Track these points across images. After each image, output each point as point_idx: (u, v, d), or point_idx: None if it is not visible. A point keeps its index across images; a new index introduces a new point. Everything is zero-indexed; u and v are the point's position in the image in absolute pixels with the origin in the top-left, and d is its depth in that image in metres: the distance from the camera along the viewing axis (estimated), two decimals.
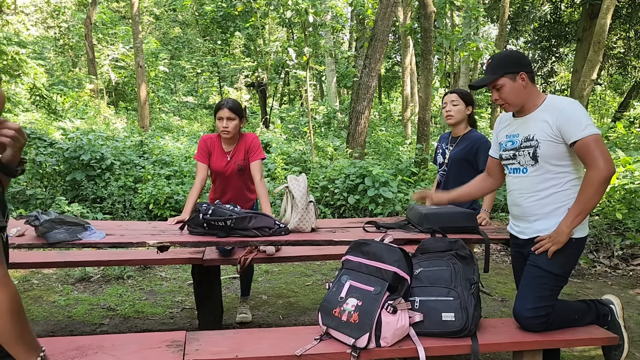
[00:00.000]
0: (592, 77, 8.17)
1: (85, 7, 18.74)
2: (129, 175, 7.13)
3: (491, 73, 2.33)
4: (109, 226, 2.92)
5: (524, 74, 2.29)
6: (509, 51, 2.49)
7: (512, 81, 2.29)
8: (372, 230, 2.89)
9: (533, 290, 2.26)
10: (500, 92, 2.33)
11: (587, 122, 2.18)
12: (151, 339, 2.14)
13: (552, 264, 2.25)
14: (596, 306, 2.41)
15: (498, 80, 2.31)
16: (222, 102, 3.31)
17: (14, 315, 1.31)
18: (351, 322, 2.08)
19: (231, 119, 3.24)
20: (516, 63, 2.31)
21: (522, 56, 2.38)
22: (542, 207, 2.30)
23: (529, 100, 2.33)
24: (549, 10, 16.75)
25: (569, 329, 2.31)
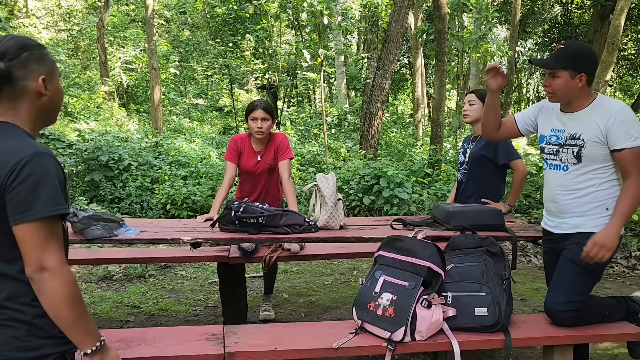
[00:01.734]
0: (605, 78, 8.16)
1: (96, 11, 18.91)
2: (146, 176, 7.21)
3: (557, 60, 2.28)
4: (141, 223, 2.97)
5: (584, 76, 2.26)
6: (584, 47, 2.41)
7: (571, 78, 2.26)
8: (399, 228, 2.93)
9: (566, 285, 2.29)
10: (554, 82, 2.30)
11: (637, 131, 2.18)
12: (191, 332, 2.20)
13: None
14: (627, 303, 2.43)
15: (559, 71, 2.27)
16: (255, 102, 3.35)
17: (70, 302, 1.33)
18: (386, 316, 2.12)
19: (265, 120, 3.29)
20: (584, 63, 2.27)
21: (592, 57, 2.32)
22: (580, 205, 2.32)
23: (577, 99, 2.32)
24: (559, 12, 16.74)
25: (600, 324, 2.34)
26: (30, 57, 1.39)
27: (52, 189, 1.32)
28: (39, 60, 1.41)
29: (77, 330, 1.38)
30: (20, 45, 1.38)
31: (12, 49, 1.36)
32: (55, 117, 1.55)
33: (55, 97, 1.46)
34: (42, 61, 1.42)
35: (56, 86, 1.47)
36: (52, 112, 1.50)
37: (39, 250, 1.30)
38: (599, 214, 2.29)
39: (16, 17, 17.24)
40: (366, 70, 13.20)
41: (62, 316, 1.34)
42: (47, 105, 1.45)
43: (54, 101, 1.47)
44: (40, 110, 1.44)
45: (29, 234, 1.30)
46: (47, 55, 1.45)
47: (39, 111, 1.44)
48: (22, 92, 1.39)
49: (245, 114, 3.39)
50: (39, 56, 1.41)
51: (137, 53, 16.52)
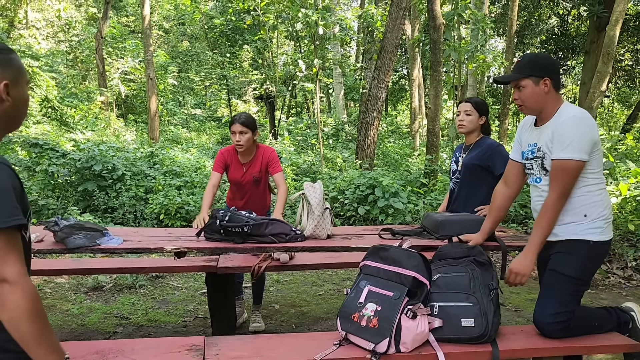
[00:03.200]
0: (601, 89, 8.16)
1: (95, 22, 19.02)
2: (140, 186, 7.17)
3: (517, 72, 2.32)
4: (125, 232, 2.94)
5: (548, 80, 2.28)
6: (540, 54, 2.50)
7: (535, 84, 2.28)
8: (387, 237, 2.89)
9: (553, 295, 2.25)
10: (520, 93, 2.33)
11: (570, 143, 2.17)
12: (170, 343, 2.15)
13: (569, 267, 2.26)
14: (617, 313, 2.39)
15: (521, 81, 2.30)
16: (235, 117, 3.43)
17: (32, 316, 1.26)
18: (370, 327, 2.08)
19: (243, 133, 3.35)
20: (543, 67, 2.30)
21: (551, 62, 2.36)
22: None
23: (547, 107, 2.32)
24: (556, 23, 16.81)
25: (590, 335, 2.29)
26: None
27: (7, 199, 1.27)
28: (2, 65, 1.36)
29: (40, 347, 1.29)
30: None
31: None
32: (18, 125, 1.49)
33: (17, 104, 1.41)
34: (7, 66, 1.37)
35: (20, 93, 1.42)
36: (14, 119, 1.44)
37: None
38: (578, 221, 2.27)
39: (16, 29, 17.34)
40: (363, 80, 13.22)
41: (23, 331, 1.26)
42: (8, 111, 1.39)
43: (16, 108, 1.42)
44: (1, 116, 1.38)
45: None
46: (14, 60, 1.41)
47: (1, 116, 1.39)
48: None
49: (229, 127, 3.47)
50: (4, 61, 1.37)
51: (135, 64, 16.57)
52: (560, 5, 15.85)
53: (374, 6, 12.32)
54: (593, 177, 2.28)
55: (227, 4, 17.36)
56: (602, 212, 2.29)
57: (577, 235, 2.26)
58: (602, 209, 2.29)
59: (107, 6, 15.04)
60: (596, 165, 2.28)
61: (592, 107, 8.23)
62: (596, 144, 2.25)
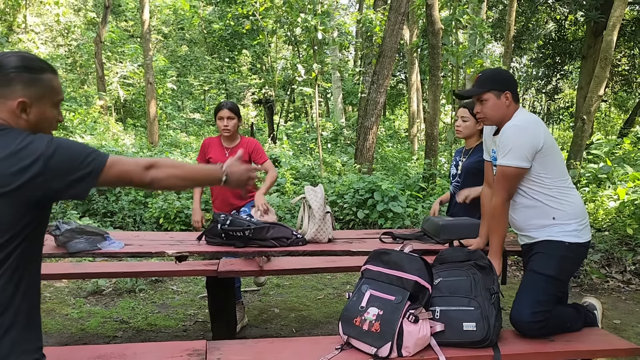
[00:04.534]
0: (599, 93, 8.19)
1: (94, 26, 19.03)
2: (139, 190, 7.17)
3: (479, 86, 2.43)
4: (126, 236, 2.94)
5: (509, 94, 2.40)
6: (499, 69, 2.67)
7: (497, 98, 2.39)
8: (388, 241, 2.90)
9: (530, 295, 2.31)
10: (483, 106, 2.43)
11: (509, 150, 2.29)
12: (172, 347, 2.15)
13: (545, 267, 2.33)
14: (584, 313, 2.47)
15: (484, 94, 2.41)
16: (222, 103, 3.64)
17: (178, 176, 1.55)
18: (372, 331, 2.08)
19: (231, 118, 3.55)
20: (504, 82, 2.43)
21: (510, 77, 2.51)
22: (525, 219, 2.45)
23: (506, 118, 2.42)
24: (553, 28, 16.88)
25: (592, 338, 2.31)
26: (18, 78, 1.39)
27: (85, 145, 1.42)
28: (26, 84, 1.41)
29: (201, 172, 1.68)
30: (17, 64, 1.40)
31: (7, 66, 1.39)
32: None
33: (36, 122, 1.45)
34: (31, 86, 1.42)
35: (42, 111, 1.46)
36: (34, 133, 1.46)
37: None
38: (549, 224, 2.37)
39: (15, 33, 17.34)
40: (362, 85, 13.26)
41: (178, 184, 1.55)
42: (25, 126, 1.43)
43: (35, 126, 1.45)
44: (24, 127, 1.43)
45: None
46: (44, 81, 1.45)
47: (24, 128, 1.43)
48: (2, 107, 1.40)
49: (214, 114, 3.68)
50: (30, 80, 1.41)
51: (134, 68, 16.58)
52: (558, 11, 15.93)
53: (372, 11, 12.36)
54: (550, 181, 2.36)
55: (226, 8, 17.41)
56: (571, 214, 2.36)
57: (552, 236, 2.35)
58: (571, 211, 2.37)
59: (106, 11, 15.06)
60: (552, 169, 2.36)
61: (590, 112, 8.26)
62: (541, 151, 2.32)
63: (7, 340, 1.32)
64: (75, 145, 1.40)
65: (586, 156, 8.75)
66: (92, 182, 1.39)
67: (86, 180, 1.38)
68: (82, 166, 1.37)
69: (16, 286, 1.35)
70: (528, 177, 2.36)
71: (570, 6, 14.24)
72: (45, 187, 1.34)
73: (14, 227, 1.33)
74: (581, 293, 4.83)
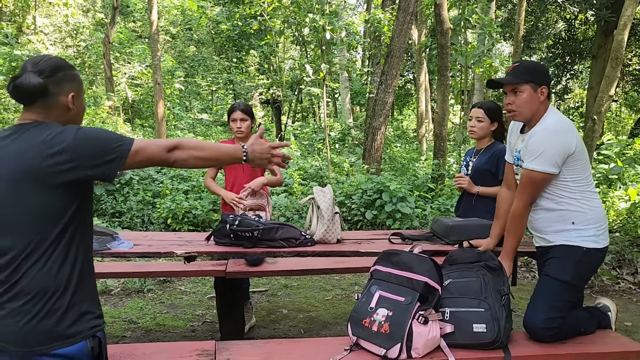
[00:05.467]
0: (609, 93, 8.10)
1: (103, 27, 19.13)
2: (147, 190, 7.19)
3: (516, 76, 2.32)
4: (135, 237, 2.94)
5: (545, 89, 2.32)
6: (537, 62, 2.57)
7: (533, 91, 2.30)
8: (397, 242, 2.88)
9: (545, 300, 2.27)
10: (517, 97, 2.33)
11: (539, 154, 2.22)
12: (181, 348, 2.15)
13: (561, 272, 2.28)
14: (598, 315, 2.43)
15: (521, 85, 2.30)
16: (235, 105, 3.63)
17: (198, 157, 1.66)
18: (382, 332, 2.06)
19: (244, 120, 3.56)
20: (543, 75, 2.34)
21: (547, 71, 2.41)
22: (545, 221, 2.39)
23: (537, 115, 2.35)
24: (563, 28, 16.76)
25: (605, 340, 2.28)
26: (65, 76, 1.61)
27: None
28: (71, 80, 1.64)
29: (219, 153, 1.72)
30: (55, 65, 1.60)
31: (52, 68, 1.59)
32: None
33: (79, 112, 1.69)
34: (73, 81, 1.65)
35: (81, 103, 1.70)
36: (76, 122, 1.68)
37: None
38: (567, 229, 2.32)
39: (24, 34, 17.47)
40: (370, 85, 13.24)
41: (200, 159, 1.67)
42: (71, 118, 1.65)
43: (78, 116, 1.69)
44: (67, 120, 1.62)
45: None
46: (78, 76, 1.69)
47: (67, 121, 1.62)
48: (53, 105, 1.59)
49: (227, 116, 3.67)
50: (71, 76, 1.65)
51: (142, 69, 16.64)
52: (568, 10, 15.82)
53: (381, 11, 12.33)
54: (575, 185, 2.31)
55: (233, 9, 17.45)
56: (590, 219, 2.31)
57: (569, 241, 2.29)
58: (591, 216, 2.31)
59: (114, 12, 15.13)
60: (579, 174, 2.30)
61: (601, 112, 8.18)
62: (573, 155, 2.26)
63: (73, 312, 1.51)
64: (102, 133, 1.56)
65: (597, 157, 8.68)
66: (119, 166, 1.54)
67: (113, 165, 1.53)
68: (108, 152, 1.52)
69: (73, 265, 1.52)
70: (554, 181, 2.30)
71: (580, 5, 14.13)
72: (75, 172, 1.49)
73: (64, 215, 1.50)
74: (592, 295, 4.79)
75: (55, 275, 1.48)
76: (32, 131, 1.53)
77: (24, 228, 1.47)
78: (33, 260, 1.47)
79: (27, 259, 1.46)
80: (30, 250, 1.46)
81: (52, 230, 1.48)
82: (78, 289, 1.53)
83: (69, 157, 1.48)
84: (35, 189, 1.47)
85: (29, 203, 1.47)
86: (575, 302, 2.34)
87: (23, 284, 1.46)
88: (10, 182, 1.48)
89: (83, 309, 1.54)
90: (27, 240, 1.47)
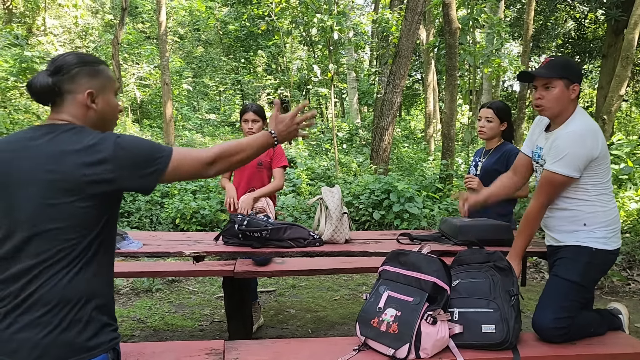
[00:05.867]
0: (620, 93, 8.05)
1: (112, 28, 19.25)
2: (155, 190, 7.23)
3: (551, 70, 2.26)
4: (144, 237, 2.96)
5: (577, 87, 2.28)
6: (571, 59, 2.48)
7: (565, 88, 2.25)
8: (406, 242, 2.88)
9: (554, 300, 2.25)
10: (547, 92, 2.27)
11: (562, 157, 2.18)
12: (190, 347, 2.15)
13: (570, 272, 2.26)
14: (609, 317, 2.41)
15: (554, 80, 2.25)
16: (247, 106, 3.65)
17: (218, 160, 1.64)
18: (390, 332, 2.06)
19: (255, 121, 3.57)
20: (577, 73, 2.30)
21: (580, 70, 2.38)
22: (558, 220, 2.36)
23: (564, 113, 2.31)
24: (572, 27, 16.65)
25: (613, 341, 2.26)
26: (81, 72, 1.51)
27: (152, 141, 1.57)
28: (90, 76, 1.53)
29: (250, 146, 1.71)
30: (76, 61, 1.52)
31: (67, 64, 1.51)
32: (109, 127, 1.64)
33: (104, 110, 1.58)
34: (94, 77, 1.54)
35: (107, 100, 1.58)
36: (103, 123, 1.60)
37: None
38: (577, 230, 2.30)
39: (34, 35, 17.61)
40: (377, 85, 13.23)
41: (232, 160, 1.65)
42: (95, 116, 1.56)
43: (103, 114, 1.58)
44: (90, 120, 1.55)
45: None
46: (103, 71, 1.58)
47: (90, 121, 1.55)
48: (71, 103, 1.52)
49: (239, 117, 3.68)
50: (92, 72, 1.54)
51: (151, 69, 16.74)
52: (577, 9, 15.71)
53: (388, 11, 12.31)
54: (594, 188, 2.28)
55: (241, 9, 17.50)
56: (602, 221, 2.29)
57: (579, 241, 2.28)
58: (603, 218, 2.29)
59: (123, 13, 15.21)
60: (600, 178, 2.28)
61: (611, 112, 8.12)
62: (596, 160, 2.23)
63: (94, 324, 1.47)
64: (143, 143, 1.51)
65: None
66: (156, 180, 1.51)
67: (152, 177, 1.50)
68: (149, 164, 1.49)
69: (96, 275, 1.48)
70: (574, 184, 2.27)
71: (590, 4, 14.02)
72: (115, 184, 1.45)
73: (97, 225, 1.46)
74: (602, 296, 4.75)
75: (79, 285, 1.42)
76: (68, 134, 1.45)
77: (53, 236, 1.40)
78: (57, 269, 1.40)
79: (50, 267, 1.39)
80: (56, 259, 1.40)
81: (82, 240, 1.43)
82: (100, 300, 1.48)
83: (109, 168, 1.42)
84: (70, 197, 1.40)
85: (62, 210, 1.40)
86: (584, 303, 2.33)
87: (42, 292, 1.38)
88: (42, 187, 1.40)
89: (104, 320, 1.50)
90: (55, 249, 1.40)
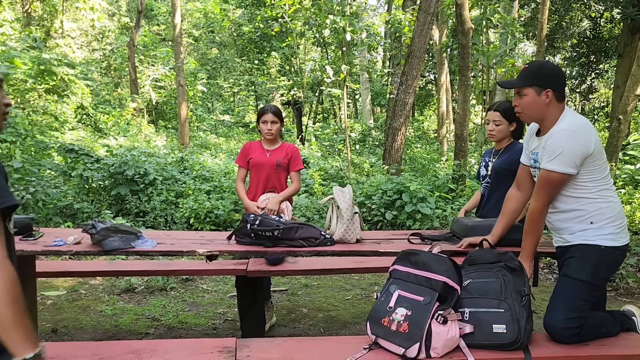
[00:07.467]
0: (636, 93, 7.95)
1: (128, 31, 19.48)
2: (170, 190, 7.31)
3: (520, 79, 2.33)
4: (158, 236, 3.01)
5: (550, 92, 2.28)
6: (546, 63, 2.49)
7: (537, 94, 2.29)
8: (416, 242, 2.89)
9: (564, 300, 2.25)
10: (522, 100, 2.34)
11: (558, 155, 2.21)
12: (203, 344, 2.19)
13: (580, 271, 2.27)
14: (621, 318, 2.40)
15: (524, 89, 2.31)
16: (266, 107, 3.69)
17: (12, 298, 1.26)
18: (401, 331, 2.08)
19: (274, 122, 3.63)
20: (547, 78, 2.30)
21: (556, 73, 2.34)
22: (564, 221, 2.38)
23: (547, 117, 2.33)
24: (587, 26, 16.47)
25: (627, 342, 2.26)
26: None
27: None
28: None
29: (16, 333, 1.28)
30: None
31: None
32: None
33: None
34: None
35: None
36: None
37: None
38: (585, 229, 2.31)
39: (52, 38, 17.88)
40: (390, 85, 13.21)
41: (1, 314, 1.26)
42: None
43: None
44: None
45: None
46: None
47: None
48: None
49: (257, 118, 3.73)
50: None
51: (166, 71, 16.90)
52: (593, 8, 15.53)
53: (401, 11, 12.29)
54: (594, 185, 2.29)
55: (255, 11, 17.59)
56: (608, 218, 2.30)
57: (587, 240, 2.28)
58: (609, 215, 2.30)
59: (139, 15, 15.41)
60: (597, 174, 2.29)
61: (627, 112, 8.03)
62: (592, 156, 2.24)
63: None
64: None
65: (622, 157, 8.52)
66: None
67: None
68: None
69: None
70: (573, 182, 2.29)
71: (605, 3, 13.87)
72: None
73: None
74: (617, 297, 4.71)
75: None
76: None
77: None
78: None
79: None
80: None
81: None
82: None
83: None
84: None
85: None
86: (595, 302, 2.32)
87: None
88: None
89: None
90: None
